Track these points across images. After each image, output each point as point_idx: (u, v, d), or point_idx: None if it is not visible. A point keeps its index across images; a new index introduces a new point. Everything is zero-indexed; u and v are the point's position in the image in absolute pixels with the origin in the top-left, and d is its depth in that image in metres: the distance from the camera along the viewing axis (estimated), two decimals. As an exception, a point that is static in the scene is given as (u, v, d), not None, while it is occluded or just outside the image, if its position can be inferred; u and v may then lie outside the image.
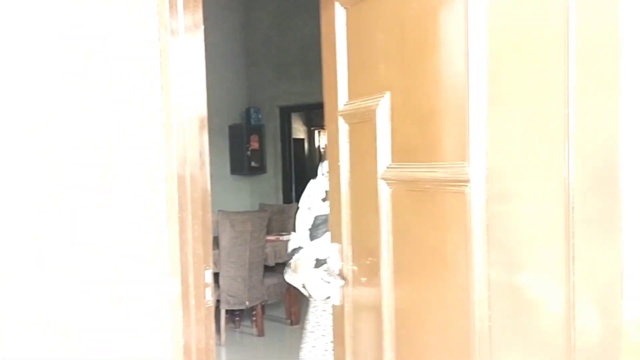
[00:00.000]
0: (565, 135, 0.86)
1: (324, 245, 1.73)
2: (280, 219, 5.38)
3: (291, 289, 4.75)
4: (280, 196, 6.58)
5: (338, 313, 1.52)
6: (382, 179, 1.30)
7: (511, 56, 0.96)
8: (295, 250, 1.83)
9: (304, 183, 1.95)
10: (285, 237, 4.90)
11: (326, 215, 1.74)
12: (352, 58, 1.40)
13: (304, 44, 5.92)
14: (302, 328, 1.90)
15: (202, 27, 1.50)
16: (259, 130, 6.48)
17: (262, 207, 5.65)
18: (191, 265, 1.51)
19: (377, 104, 1.29)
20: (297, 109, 6.82)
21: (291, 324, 4.85)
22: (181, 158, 1.43)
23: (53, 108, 1.31)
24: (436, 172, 1.14)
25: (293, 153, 6.82)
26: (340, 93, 1.44)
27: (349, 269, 1.45)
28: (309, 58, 5.77)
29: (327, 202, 1.74)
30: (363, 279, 1.40)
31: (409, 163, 1.23)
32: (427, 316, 1.21)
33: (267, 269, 4.66)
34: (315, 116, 9.00)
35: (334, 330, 1.57)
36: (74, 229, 1.35)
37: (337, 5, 1.42)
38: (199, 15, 1.46)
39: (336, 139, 1.45)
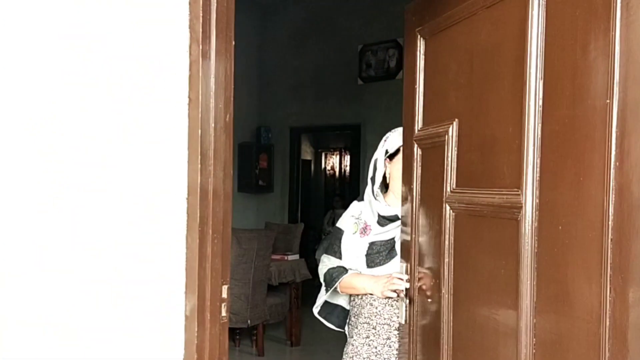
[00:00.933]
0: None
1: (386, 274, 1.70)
2: (285, 239, 5.39)
3: (293, 309, 4.75)
4: (286, 216, 6.60)
5: (404, 330, 1.56)
6: (447, 202, 1.35)
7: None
8: (335, 271, 1.78)
9: (309, 203, 1.95)
10: (291, 257, 4.91)
11: (387, 241, 1.74)
12: (428, 87, 1.47)
13: (317, 66, 6.01)
14: (347, 343, 1.85)
15: (233, 42, 1.44)
16: (268, 149, 6.53)
17: (268, 226, 5.67)
18: (209, 280, 1.50)
19: (447, 131, 1.35)
20: (307, 130, 6.89)
21: (291, 345, 4.83)
22: (205, 171, 1.39)
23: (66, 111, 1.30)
24: (493, 197, 1.19)
25: (300, 173, 6.87)
26: (417, 119, 1.50)
27: (415, 288, 1.50)
28: (321, 80, 5.86)
29: (386, 227, 1.75)
30: (428, 300, 1.44)
31: (470, 188, 1.29)
32: (479, 334, 1.25)
33: (270, 288, 4.65)
34: (323, 138, 9.09)
35: (399, 346, 1.61)
36: (93, 238, 1.31)
37: (419, 36, 1.49)
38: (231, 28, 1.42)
39: (411, 163, 1.51)
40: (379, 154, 1.82)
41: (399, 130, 1.77)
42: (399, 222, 1.71)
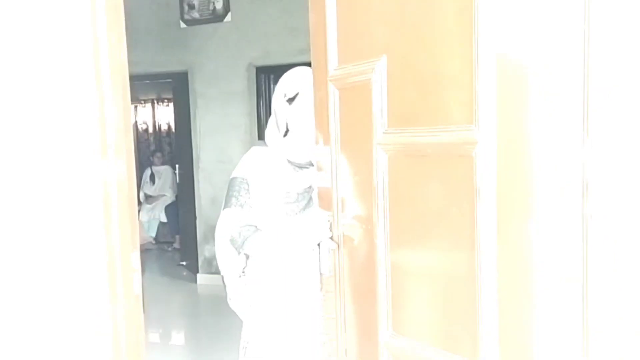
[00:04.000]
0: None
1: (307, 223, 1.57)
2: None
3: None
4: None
5: (329, 282, 1.48)
6: (378, 144, 1.29)
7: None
8: (245, 231, 1.61)
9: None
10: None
11: (304, 189, 1.63)
12: (342, 22, 1.35)
13: (130, 7, 5.40)
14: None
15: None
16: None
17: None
18: (118, 248, 1.31)
19: (373, 68, 1.27)
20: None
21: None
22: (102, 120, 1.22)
23: None
24: (439, 136, 1.17)
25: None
26: (330, 58, 1.37)
27: (341, 235, 1.41)
28: (136, 24, 5.30)
29: (300, 174, 1.63)
30: (356, 244, 1.38)
31: (408, 128, 1.24)
32: (427, 276, 1.24)
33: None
34: (141, 88, 8.29)
35: (323, 302, 1.54)
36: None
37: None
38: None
39: (325, 104, 1.39)
40: (276, 99, 1.68)
41: (295, 71, 1.65)
42: (312, 169, 1.60)
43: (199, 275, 5.39)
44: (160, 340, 4.31)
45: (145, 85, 7.79)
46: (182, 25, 4.97)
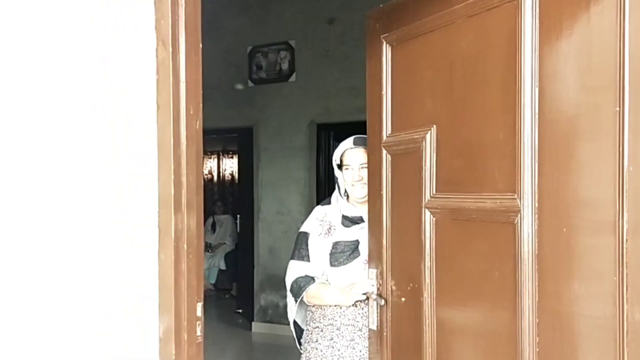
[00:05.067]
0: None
1: (349, 274, 1.71)
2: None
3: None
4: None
5: (376, 336, 1.54)
6: (427, 207, 1.37)
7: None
8: (302, 281, 1.78)
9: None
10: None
11: (351, 241, 1.74)
12: (396, 93, 1.47)
13: (204, 67, 5.78)
14: (306, 349, 1.83)
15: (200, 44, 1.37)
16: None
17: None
18: (185, 298, 1.43)
19: (423, 137, 1.37)
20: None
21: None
22: (179, 181, 1.35)
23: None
24: (485, 202, 1.24)
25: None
26: (384, 125, 1.49)
27: (389, 292, 1.49)
28: (209, 83, 5.65)
29: (351, 229, 1.76)
30: (404, 305, 1.45)
31: (454, 194, 1.32)
32: (470, 334, 1.29)
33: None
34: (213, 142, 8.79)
35: (369, 353, 1.59)
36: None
37: (385, 43, 1.48)
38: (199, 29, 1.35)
39: (379, 168, 1.50)
40: (334, 165, 1.89)
41: (344, 142, 1.83)
42: (362, 225, 1.75)
43: (254, 324, 5.48)
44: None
45: (212, 138, 8.22)
46: (250, 84, 5.28)
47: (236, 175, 8.35)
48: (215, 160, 9.74)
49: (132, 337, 1.29)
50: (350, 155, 1.78)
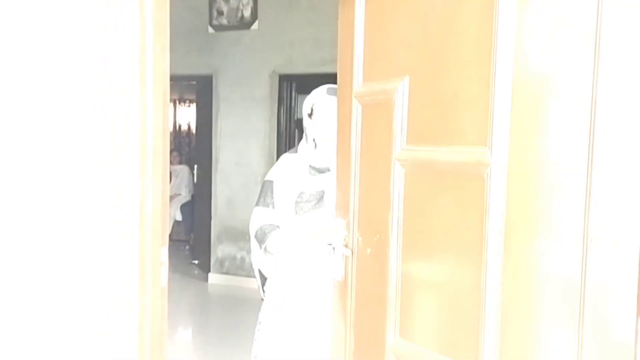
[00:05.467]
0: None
1: (313, 223, 1.72)
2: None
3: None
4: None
5: (340, 287, 1.55)
6: (397, 159, 1.37)
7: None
8: (267, 228, 1.77)
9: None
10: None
11: (317, 192, 1.74)
12: (370, 43, 1.44)
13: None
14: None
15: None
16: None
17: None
18: (150, 242, 1.41)
19: (396, 87, 1.35)
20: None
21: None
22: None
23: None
24: (455, 155, 1.24)
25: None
26: (355, 75, 1.46)
27: (356, 243, 1.49)
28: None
29: (317, 178, 1.75)
30: (369, 253, 1.46)
31: (426, 146, 1.31)
32: (435, 286, 1.32)
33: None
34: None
35: (333, 304, 1.61)
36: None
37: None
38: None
39: (349, 118, 1.48)
40: (303, 115, 1.87)
41: (314, 91, 1.81)
42: (327, 174, 1.75)
43: (210, 275, 5.49)
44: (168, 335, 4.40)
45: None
46: (210, 30, 5.10)
47: (193, 125, 8.17)
48: (172, 108, 9.50)
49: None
50: (322, 105, 1.75)
